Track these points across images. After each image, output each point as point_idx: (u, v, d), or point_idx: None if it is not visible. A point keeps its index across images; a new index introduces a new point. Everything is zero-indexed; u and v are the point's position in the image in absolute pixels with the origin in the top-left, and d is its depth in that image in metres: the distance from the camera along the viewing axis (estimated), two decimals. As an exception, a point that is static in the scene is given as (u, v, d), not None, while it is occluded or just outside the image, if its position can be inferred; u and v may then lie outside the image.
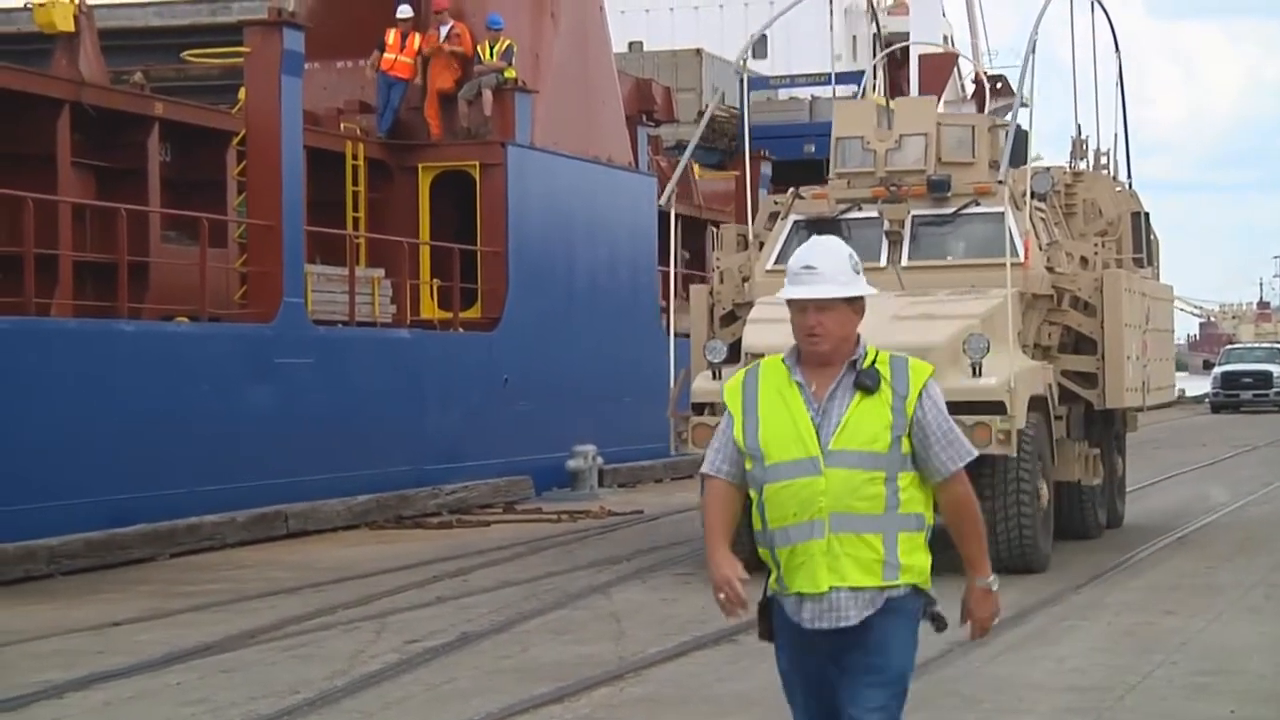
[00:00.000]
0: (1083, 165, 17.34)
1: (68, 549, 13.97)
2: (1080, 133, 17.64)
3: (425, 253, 20.56)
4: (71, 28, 16.38)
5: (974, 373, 12.66)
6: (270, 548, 15.86)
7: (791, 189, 15.27)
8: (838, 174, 15.00)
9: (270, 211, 17.34)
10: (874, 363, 5.01)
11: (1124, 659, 9.77)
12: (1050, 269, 14.55)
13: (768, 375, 5.06)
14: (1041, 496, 13.25)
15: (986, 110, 32.99)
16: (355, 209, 19.71)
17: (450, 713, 8.47)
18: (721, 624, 10.99)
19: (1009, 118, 14.67)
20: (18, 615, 11.82)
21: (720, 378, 13.06)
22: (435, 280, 20.53)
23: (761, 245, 15.02)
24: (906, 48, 36.52)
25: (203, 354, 16.40)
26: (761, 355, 12.56)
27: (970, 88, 40.51)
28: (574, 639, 10.70)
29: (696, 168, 27.40)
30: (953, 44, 44.88)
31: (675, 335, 15.05)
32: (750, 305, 14.21)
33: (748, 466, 4.98)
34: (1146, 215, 16.62)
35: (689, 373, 13.80)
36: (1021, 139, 14.67)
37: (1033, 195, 14.38)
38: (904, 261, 14.21)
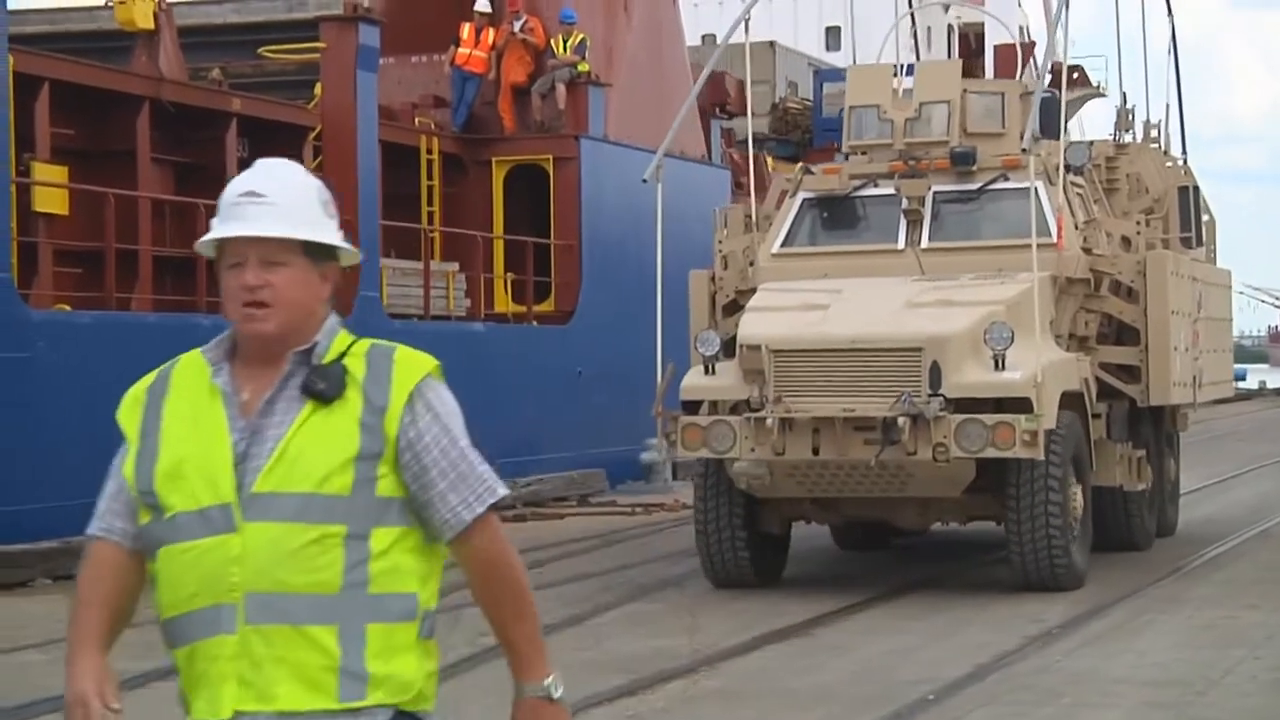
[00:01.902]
0: (1129, 138, 15.78)
1: (148, 541, 14.11)
2: (1125, 101, 16.12)
3: (499, 246, 20.63)
4: (151, 25, 16.55)
5: (996, 366, 11.32)
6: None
7: (800, 164, 13.84)
8: (851, 146, 13.60)
9: (346, 206, 17.42)
10: (343, 357, 3.17)
11: (1205, 654, 9.65)
12: (1087, 250, 13.00)
13: (181, 379, 3.36)
14: (1075, 505, 11.87)
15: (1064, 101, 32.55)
16: (430, 203, 19.80)
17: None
18: (795, 617, 10.97)
19: (1037, 86, 13.00)
20: (99, 606, 11.94)
21: (714, 373, 11.99)
22: (509, 274, 20.59)
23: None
24: (982, 38, 36.23)
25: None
26: (758, 348, 11.50)
27: (1047, 78, 40.04)
28: (648, 632, 10.69)
29: (770, 159, 27.32)
30: (1029, 34, 44.50)
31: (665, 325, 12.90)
32: (754, 293, 12.83)
33: (143, 520, 3.19)
34: (1196, 189, 14.91)
35: (675, 368, 12.40)
36: (1055, 107, 13.04)
37: (1068, 168, 12.91)
38: (924, 243, 12.73)
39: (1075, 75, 38.50)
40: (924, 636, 10.28)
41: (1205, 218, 15.73)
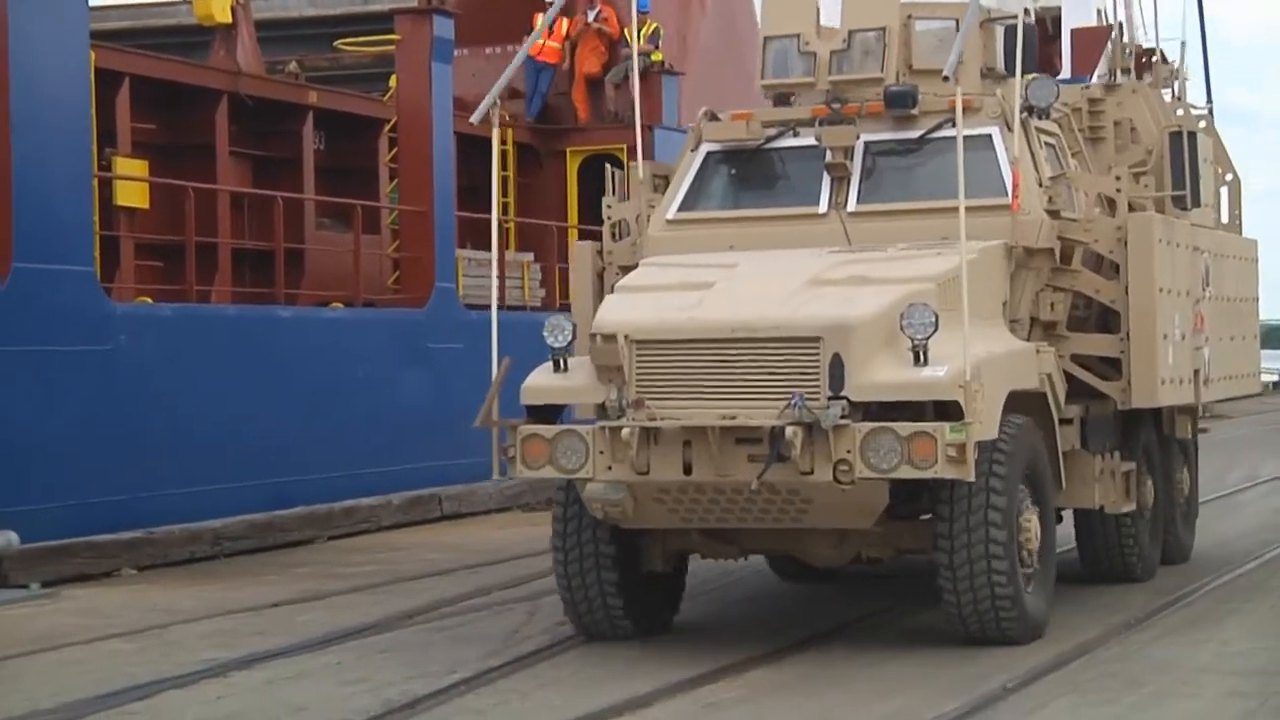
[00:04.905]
0: (1126, 79, 12.97)
1: (230, 531, 14.29)
2: (1122, 32, 13.64)
3: (573, 236, 20.65)
4: (229, 19, 16.70)
5: (916, 360, 8.91)
6: (425, 530, 16.08)
7: (704, 108, 11.22)
8: (766, 86, 11.12)
9: (422, 197, 17.54)
10: None
11: (1290, 643, 9.55)
12: (1054, 213, 10.41)
13: None
14: (1029, 536, 9.53)
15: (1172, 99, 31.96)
16: (504, 194, 19.88)
17: (605, 693, 8.52)
18: (860, 610, 10.92)
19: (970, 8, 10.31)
20: (184, 595, 12.12)
21: (565, 369, 9.62)
22: (584, 264, 20.60)
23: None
24: (1059, 21, 35.85)
25: (357, 339, 16.65)
26: (613, 338, 9.26)
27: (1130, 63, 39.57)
28: (727, 619, 10.68)
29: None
30: (1107, 17, 43.94)
31: (504, 307, 10.81)
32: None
33: None
34: (1193, 135, 11.49)
35: (512, 362, 10.00)
36: (1028, 37, 10.44)
37: (1031, 110, 10.51)
38: (851, 205, 10.34)
39: (1155, 58, 37.88)
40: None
41: (1228, 176, 13.44)
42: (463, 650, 9.70)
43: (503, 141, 20.08)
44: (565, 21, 21.06)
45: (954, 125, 9.61)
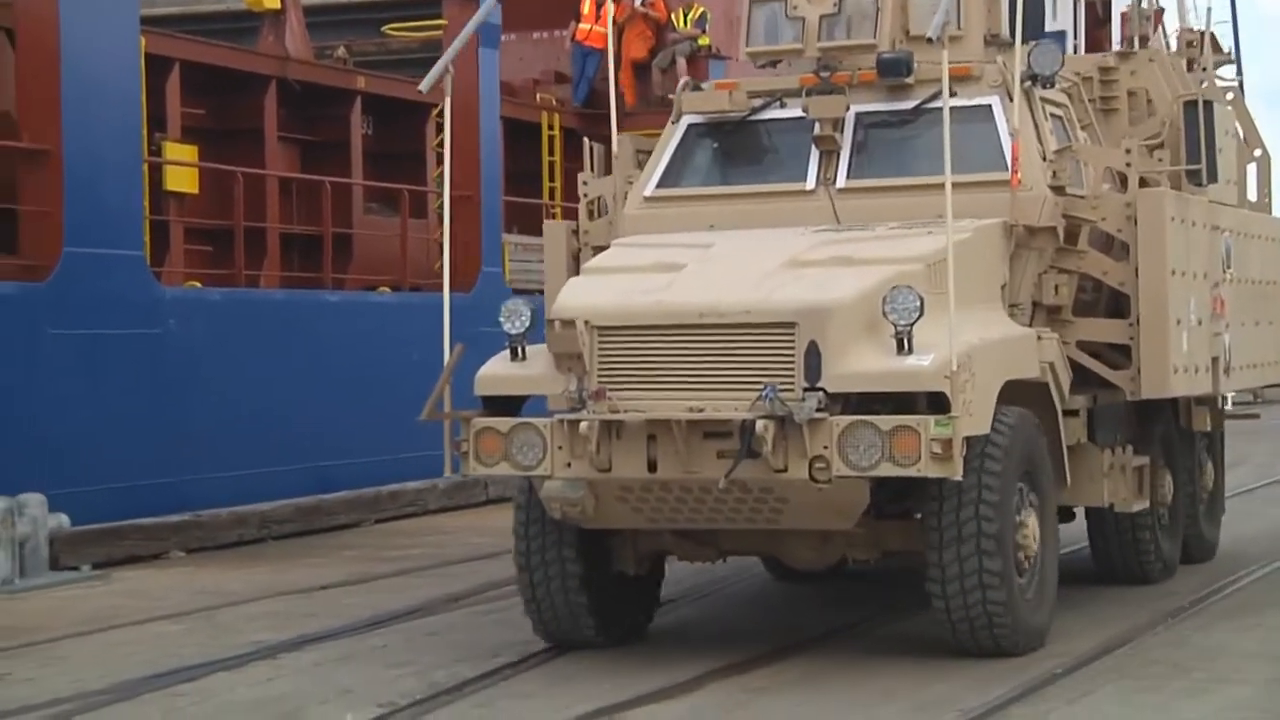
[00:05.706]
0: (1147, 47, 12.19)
1: (278, 514, 14.39)
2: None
3: (620, 221, 20.68)
4: (278, 5, 16.79)
5: (899, 347, 8.22)
6: (470, 514, 16.14)
7: (685, 79, 10.39)
8: (751, 54, 10.46)
9: (469, 182, 17.58)
10: None
11: (1341, 630, 9.48)
12: (1058, 189, 9.65)
13: None
14: (1027, 540, 8.84)
15: (1195, 70, 31.81)
16: (551, 179, 19.90)
17: (645, 678, 8.53)
18: (887, 601, 10.89)
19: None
20: (232, 578, 12.20)
21: (522, 356, 8.95)
22: (631, 249, 20.61)
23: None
24: (1109, 5, 35.55)
25: (404, 323, 16.70)
26: (572, 323, 8.57)
27: (1175, 45, 39.18)
28: (765, 607, 10.68)
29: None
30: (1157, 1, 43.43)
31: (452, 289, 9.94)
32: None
33: None
34: (1209, 106, 10.56)
35: (464, 348, 9.39)
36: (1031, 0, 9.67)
37: (1035, 79, 9.76)
38: (840, 180, 9.69)
39: (1178, 28, 37.31)
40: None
41: (1257, 152, 12.77)
42: (509, 633, 9.73)
43: (550, 126, 20.13)
44: (612, 6, 21.03)
45: (953, 95, 8.88)
